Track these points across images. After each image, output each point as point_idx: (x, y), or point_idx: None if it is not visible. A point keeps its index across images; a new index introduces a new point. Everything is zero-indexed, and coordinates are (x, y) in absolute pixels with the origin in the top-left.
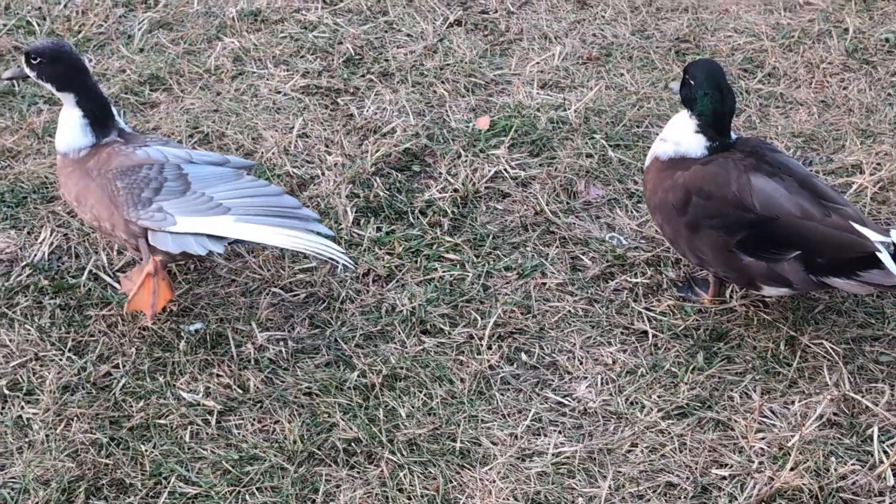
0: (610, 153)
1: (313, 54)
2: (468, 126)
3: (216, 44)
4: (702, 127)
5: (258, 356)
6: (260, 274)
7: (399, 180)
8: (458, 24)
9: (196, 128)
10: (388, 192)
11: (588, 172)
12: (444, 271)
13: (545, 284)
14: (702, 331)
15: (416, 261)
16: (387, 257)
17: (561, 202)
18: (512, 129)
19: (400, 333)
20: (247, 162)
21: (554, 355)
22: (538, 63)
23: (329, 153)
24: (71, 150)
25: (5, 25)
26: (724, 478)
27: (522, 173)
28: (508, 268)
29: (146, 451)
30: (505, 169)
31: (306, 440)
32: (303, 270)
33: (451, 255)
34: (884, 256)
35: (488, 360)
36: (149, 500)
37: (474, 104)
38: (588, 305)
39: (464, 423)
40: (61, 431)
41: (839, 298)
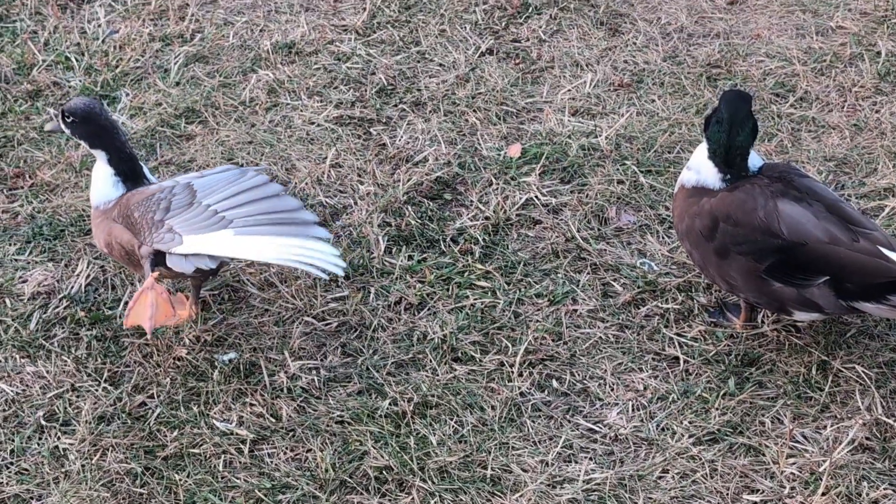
0: (641, 179)
1: (346, 85)
2: (499, 154)
3: (251, 76)
4: (711, 157)
5: (291, 385)
6: (293, 303)
7: (431, 209)
8: (490, 53)
9: (231, 159)
10: (420, 221)
11: (619, 199)
12: (476, 299)
13: (576, 311)
14: (733, 356)
15: (448, 288)
16: (418, 285)
17: (592, 229)
18: (543, 157)
19: (431, 361)
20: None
21: (585, 382)
22: (569, 90)
23: (361, 182)
24: (101, 203)
25: (44, 61)
26: (756, 503)
27: (553, 200)
28: (539, 294)
29: (180, 481)
30: (536, 196)
31: (338, 468)
32: (335, 299)
33: (483, 283)
34: None
35: (519, 387)
36: None
37: (506, 132)
38: (619, 331)
39: (494, 451)
40: (97, 461)
41: (871, 322)
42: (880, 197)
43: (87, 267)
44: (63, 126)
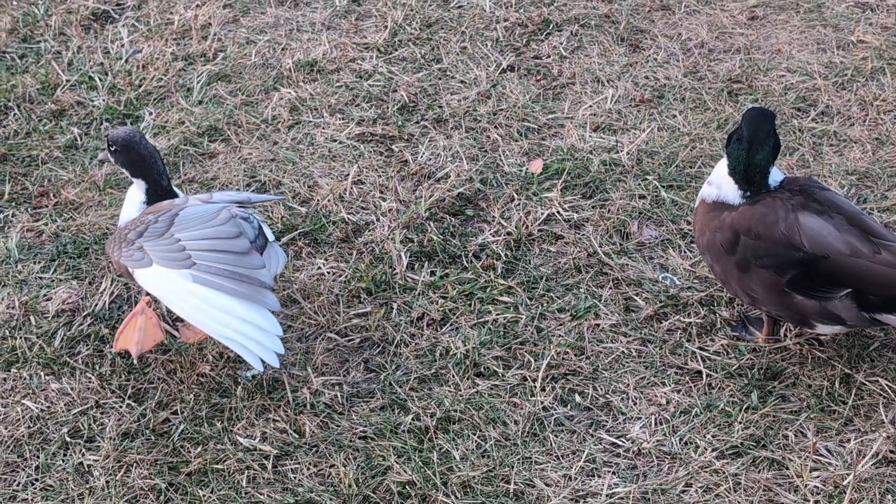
0: (663, 194)
1: (368, 102)
2: (521, 170)
3: (273, 94)
4: (731, 174)
5: (314, 401)
6: (315, 319)
7: (453, 224)
8: (511, 70)
9: (253, 177)
10: (442, 237)
11: (641, 213)
12: (498, 314)
13: (598, 325)
14: (756, 370)
15: (470, 304)
16: (441, 301)
17: (614, 243)
18: (565, 172)
19: (454, 376)
20: (273, 196)
21: (608, 396)
22: (591, 106)
23: (383, 199)
24: (124, 223)
25: (68, 81)
26: None
27: (575, 215)
28: (562, 309)
29: (204, 497)
30: (558, 211)
31: (361, 483)
32: (358, 315)
33: (505, 298)
34: None
35: (542, 402)
36: None
37: (527, 148)
38: (641, 346)
39: (517, 465)
40: (121, 478)
41: (894, 335)
42: None
43: (111, 284)
44: (108, 154)
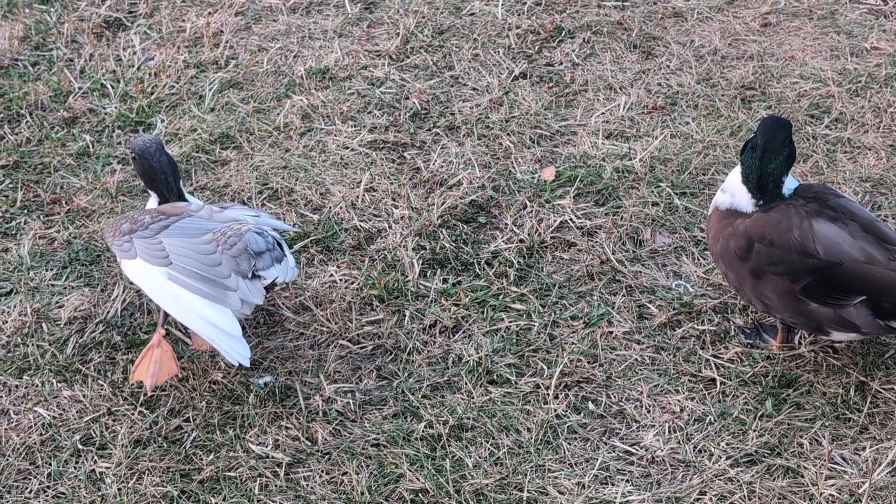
0: (676, 201)
1: (380, 110)
2: (533, 177)
3: (285, 102)
4: (744, 182)
5: (326, 408)
6: (328, 327)
7: (465, 232)
8: (524, 77)
9: (265, 184)
10: (455, 244)
11: (654, 221)
12: (511, 321)
13: (612, 333)
14: (770, 377)
15: (483, 311)
16: (453, 308)
17: (627, 251)
18: (577, 179)
19: (466, 384)
20: (286, 226)
21: (621, 404)
22: (603, 113)
23: (396, 206)
24: None
25: (80, 89)
26: None
27: (588, 223)
28: (575, 317)
29: None
30: (570, 219)
31: (374, 491)
32: (370, 323)
33: (518, 306)
34: None
35: (555, 410)
36: None
37: (539, 155)
38: (655, 353)
39: (531, 473)
40: (133, 485)
41: None
42: None
43: (123, 292)
44: (131, 159)
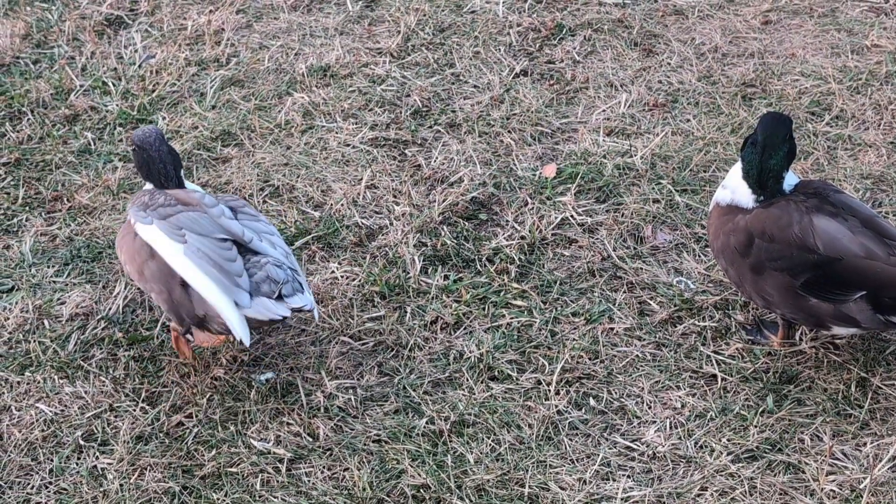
0: (677, 198)
1: (381, 107)
2: (534, 174)
3: (286, 99)
4: (745, 178)
5: (328, 404)
6: (329, 323)
7: (466, 229)
8: (525, 75)
9: (267, 181)
10: (456, 241)
11: (655, 218)
12: (512, 318)
13: (613, 329)
14: (771, 373)
15: (484, 308)
16: (454, 305)
17: (628, 247)
18: (578, 177)
19: (468, 380)
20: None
21: (622, 400)
22: (604, 111)
23: (397, 203)
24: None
25: (82, 86)
26: None
27: (589, 219)
28: (576, 313)
29: (218, 500)
30: (571, 215)
31: (375, 487)
32: (371, 319)
33: (519, 302)
34: None
35: (556, 406)
36: None
37: (541, 152)
38: (656, 350)
39: (532, 469)
40: (135, 481)
41: None
42: None
43: (125, 288)
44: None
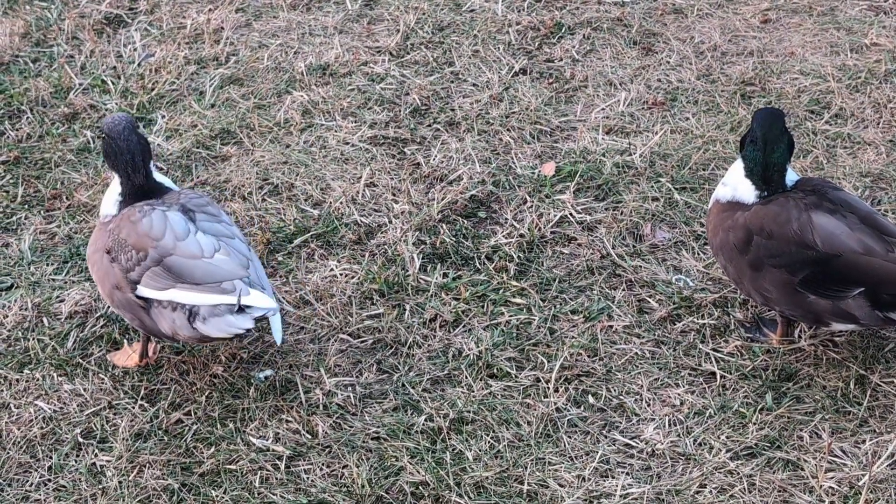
0: (676, 196)
1: (380, 106)
2: (534, 172)
3: (285, 98)
4: (748, 176)
5: (327, 402)
6: (328, 321)
7: (465, 227)
8: (524, 73)
9: (266, 179)
10: (455, 239)
11: (654, 216)
12: (511, 315)
13: (612, 327)
14: (770, 371)
15: (483, 306)
16: (453, 303)
17: (627, 245)
18: (577, 175)
19: (467, 377)
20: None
21: (621, 397)
22: (603, 109)
23: (396, 201)
24: (103, 217)
25: (81, 85)
26: None
27: (588, 218)
28: (575, 311)
29: (217, 497)
30: (570, 214)
31: (374, 484)
32: (370, 317)
33: (518, 300)
34: None
35: (555, 403)
36: None
37: (540, 151)
38: (655, 347)
39: (531, 466)
40: (134, 478)
41: None
42: None
43: None
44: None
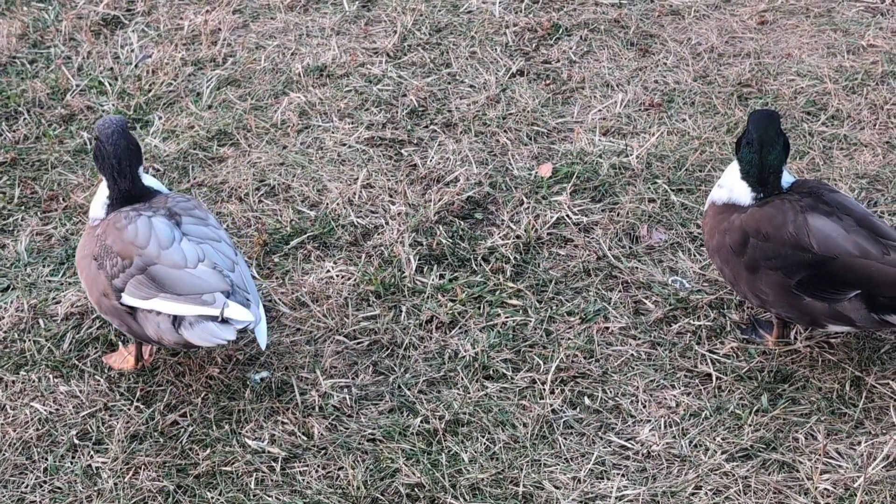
0: (672, 198)
1: (377, 107)
2: (530, 173)
3: (282, 99)
4: (745, 178)
5: (322, 403)
6: (324, 322)
7: (462, 228)
8: (521, 74)
9: (263, 181)
10: (451, 240)
11: (650, 217)
12: (507, 317)
13: (608, 328)
14: (766, 372)
15: (479, 307)
16: (449, 304)
17: (623, 247)
18: (574, 176)
19: (463, 379)
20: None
21: (617, 399)
22: (600, 110)
23: (393, 203)
24: (92, 220)
25: (78, 86)
26: None
27: (585, 219)
28: (571, 312)
29: (212, 499)
30: (567, 215)
31: (370, 486)
32: (366, 318)
33: (514, 301)
34: None
35: (551, 405)
36: None
37: (536, 152)
38: (651, 349)
39: (526, 468)
40: (129, 480)
41: None
42: None
43: None
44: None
